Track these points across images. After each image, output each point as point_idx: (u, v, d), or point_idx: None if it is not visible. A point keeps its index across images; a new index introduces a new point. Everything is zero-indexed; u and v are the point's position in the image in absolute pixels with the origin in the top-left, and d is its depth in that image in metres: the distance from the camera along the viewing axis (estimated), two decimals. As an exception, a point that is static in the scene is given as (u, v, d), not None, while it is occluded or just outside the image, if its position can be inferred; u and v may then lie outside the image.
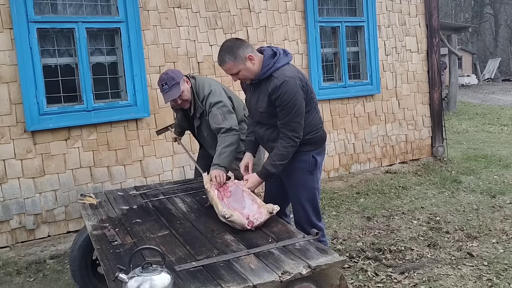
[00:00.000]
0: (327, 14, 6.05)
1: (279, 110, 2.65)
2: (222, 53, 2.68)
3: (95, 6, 4.61)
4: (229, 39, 2.78)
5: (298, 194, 2.87)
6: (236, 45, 2.65)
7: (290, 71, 2.68)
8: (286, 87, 2.59)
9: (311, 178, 2.85)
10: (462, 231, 4.17)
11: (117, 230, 2.53)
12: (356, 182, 5.93)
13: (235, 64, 2.64)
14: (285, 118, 2.65)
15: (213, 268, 2.00)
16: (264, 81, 2.70)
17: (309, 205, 2.86)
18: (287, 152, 2.69)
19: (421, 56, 6.81)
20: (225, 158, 3.13)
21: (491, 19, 36.96)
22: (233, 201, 2.71)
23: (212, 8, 5.11)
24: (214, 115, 3.28)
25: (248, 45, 2.69)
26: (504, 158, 6.98)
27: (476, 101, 17.13)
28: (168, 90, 3.31)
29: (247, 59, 2.64)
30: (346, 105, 6.14)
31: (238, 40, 2.72)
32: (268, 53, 2.73)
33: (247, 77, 2.73)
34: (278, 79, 2.62)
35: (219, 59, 2.70)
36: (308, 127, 2.78)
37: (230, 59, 2.64)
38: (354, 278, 3.34)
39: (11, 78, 4.13)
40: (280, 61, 2.68)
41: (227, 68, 2.69)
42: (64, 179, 4.40)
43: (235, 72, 2.68)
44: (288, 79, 2.61)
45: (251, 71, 2.68)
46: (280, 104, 2.63)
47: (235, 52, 2.63)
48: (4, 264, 3.88)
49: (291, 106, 2.62)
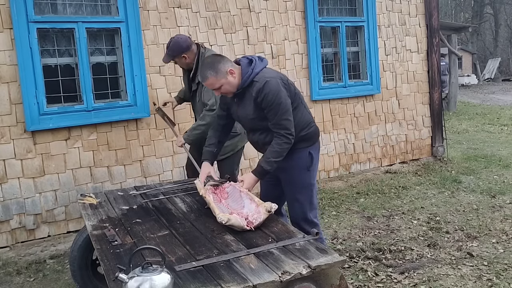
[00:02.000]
0: (327, 14, 6.05)
1: (267, 112, 2.74)
2: (203, 69, 2.77)
3: (95, 6, 4.61)
4: (209, 56, 2.91)
5: (295, 191, 2.93)
6: (217, 61, 2.75)
7: (269, 73, 2.80)
8: (268, 87, 2.70)
9: (308, 174, 2.92)
10: (462, 231, 4.17)
11: (117, 230, 2.53)
12: (356, 182, 5.93)
13: (216, 79, 2.72)
14: (274, 117, 2.74)
15: (213, 268, 2.00)
16: (246, 89, 2.79)
17: (306, 202, 2.93)
18: (281, 149, 2.75)
19: (421, 56, 6.81)
20: (195, 134, 3.69)
21: (491, 19, 36.95)
22: (231, 202, 2.72)
23: (212, 8, 5.11)
24: (206, 90, 3.63)
25: (227, 60, 2.79)
26: (504, 158, 6.98)
27: (476, 101, 17.13)
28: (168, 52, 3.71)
29: (228, 73, 2.72)
30: (346, 105, 6.14)
31: (218, 56, 2.85)
32: (244, 62, 2.81)
33: (229, 91, 2.80)
34: (259, 82, 2.73)
35: (201, 75, 2.79)
36: (301, 124, 2.87)
37: (211, 74, 2.71)
38: (354, 278, 3.34)
39: (11, 78, 4.13)
40: (257, 67, 2.78)
41: (209, 83, 2.76)
42: (64, 179, 4.40)
43: (217, 86, 2.76)
44: (269, 79, 2.73)
45: (232, 84, 2.76)
46: (266, 105, 2.72)
47: (216, 67, 2.71)
48: (4, 264, 3.89)
49: (277, 105, 2.71)
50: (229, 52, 5.19)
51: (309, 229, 2.90)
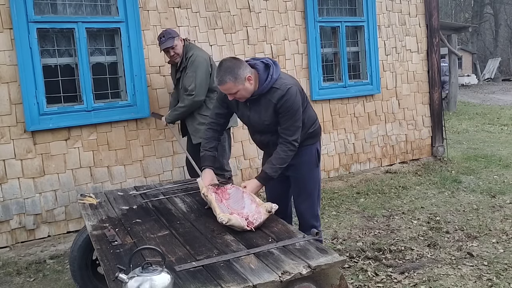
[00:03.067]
0: (327, 14, 6.05)
1: (282, 116, 2.75)
2: (222, 73, 2.65)
3: (95, 6, 4.61)
4: (228, 59, 2.74)
5: (305, 186, 3.00)
6: (237, 66, 2.66)
7: (288, 79, 2.81)
8: (289, 94, 2.72)
9: (317, 170, 3.04)
10: (462, 231, 4.17)
11: (117, 230, 2.53)
12: (356, 182, 5.93)
13: (235, 84, 2.66)
14: (286, 122, 2.76)
15: (213, 268, 2.00)
16: (264, 95, 2.75)
17: (315, 197, 3.05)
18: (286, 156, 2.80)
19: (421, 56, 6.81)
20: (175, 115, 4.20)
21: (491, 19, 36.94)
22: (232, 203, 2.72)
23: (212, 8, 5.11)
24: (188, 76, 4.05)
25: (246, 65, 2.71)
26: (504, 158, 6.98)
27: (476, 101, 17.13)
28: (165, 41, 4.10)
29: (247, 79, 2.67)
30: (346, 105, 6.14)
31: (237, 60, 2.72)
32: (261, 67, 2.76)
33: (244, 96, 2.75)
34: (281, 89, 2.72)
35: (219, 79, 2.68)
36: (309, 121, 2.95)
37: (230, 80, 2.64)
38: (354, 278, 3.34)
39: (11, 78, 4.13)
40: (275, 72, 2.76)
41: (226, 88, 2.68)
42: (64, 179, 4.40)
43: (234, 92, 2.70)
44: (290, 86, 2.74)
45: (248, 90, 2.72)
46: (283, 110, 2.73)
47: (235, 72, 2.64)
48: (4, 264, 3.89)
49: (293, 112, 2.74)
50: (229, 52, 5.19)
51: (316, 224, 2.99)
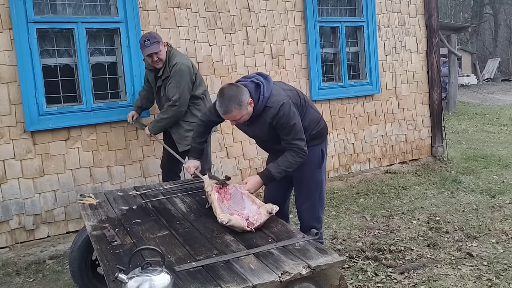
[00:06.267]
0: (327, 14, 6.05)
1: (280, 131, 2.78)
2: (226, 103, 2.65)
3: (95, 6, 4.61)
4: (227, 87, 2.71)
5: (307, 187, 3.01)
6: (239, 92, 2.66)
7: (279, 95, 2.77)
8: (283, 110, 2.71)
9: (319, 171, 3.02)
10: (461, 231, 4.17)
11: (116, 230, 2.53)
12: (356, 182, 5.93)
13: (240, 111, 2.68)
14: (287, 137, 2.78)
15: (212, 268, 2.00)
16: (259, 114, 2.77)
17: (317, 199, 3.03)
18: (294, 161, 2.80)
19: (420, 56, 6.81)
20: (159, 126, 4.07)
21: (491, 19, 36.95)
22: (233, 203, 2.73)
23: (211, 8, 5.10)
24: (171, 86, 3.91)
25: (245, 89, 2.70)
26: (503, 158, 6.98)
27: (476, 101, 17.13)
28: (150, 45, 3.86)
29: (249, 104, 2.70)
30: (346, 105, 6.14)
31: (237, 87, 2.71)
32: (251, 87, 2.74)
33: (245, 120, 2.78)
34: (274, 108, 2.72)
35: (224, 109, 2.67)
36: (312, 123, 2.95)
37: (236, 108, 2.66)
38: (354, 278, 3.34)
39: (10, 78, 4.13)
40: (266, 90, 2.74)
41: (231, 116, 2.70)
42: (63, 179, 4.40)
43: (238, 118, 2.72)
44: (281, 102, 2.72)
45: (250, 113, 2.75)
46: (280, 126, 2.75)
47: (239, 99, 2.65)
48: (4, 265, 3.88)
49: (291, 126, 2.74)
50: (229, 52, 5.19)
51: (317, 227, 2.99)
